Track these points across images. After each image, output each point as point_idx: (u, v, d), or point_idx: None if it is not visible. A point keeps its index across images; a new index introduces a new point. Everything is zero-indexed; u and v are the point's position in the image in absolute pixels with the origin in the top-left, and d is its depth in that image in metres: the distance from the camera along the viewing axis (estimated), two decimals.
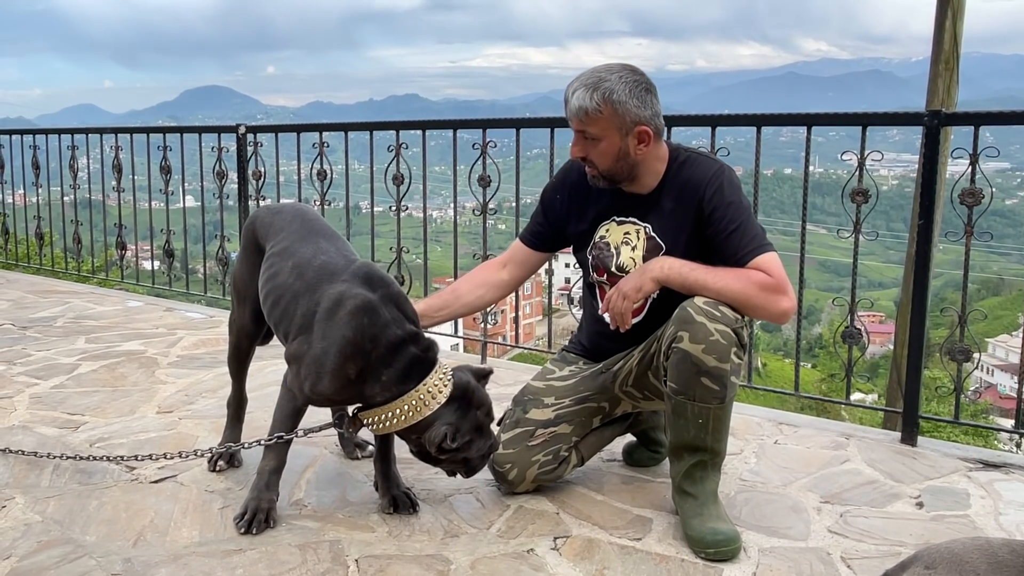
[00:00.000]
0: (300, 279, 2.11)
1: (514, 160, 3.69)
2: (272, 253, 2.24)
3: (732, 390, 2.03)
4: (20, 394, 3.20)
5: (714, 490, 2.09)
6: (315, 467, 2.49)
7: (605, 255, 2.26)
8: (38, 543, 2.00)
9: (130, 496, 2.28)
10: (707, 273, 2.03)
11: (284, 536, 2.05)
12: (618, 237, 2.25)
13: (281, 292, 2.14)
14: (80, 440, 2.69)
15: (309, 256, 2.15)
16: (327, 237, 2.24)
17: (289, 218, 2.32)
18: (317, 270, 2.10)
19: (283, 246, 2.23)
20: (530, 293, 34.81)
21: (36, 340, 4.07)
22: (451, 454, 2.00)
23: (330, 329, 1.98)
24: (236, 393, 2.54)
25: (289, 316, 2.10)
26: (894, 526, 2.15)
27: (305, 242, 2.21)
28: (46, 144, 6.03)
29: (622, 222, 2.25)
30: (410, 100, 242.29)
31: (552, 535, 2.07)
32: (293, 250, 2.20)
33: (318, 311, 2.01)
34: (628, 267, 2.20)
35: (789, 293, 2.03)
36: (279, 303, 2.14)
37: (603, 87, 2.07)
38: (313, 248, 2.18)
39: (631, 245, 2.22)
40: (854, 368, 2.98)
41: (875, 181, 2.92)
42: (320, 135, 4.32)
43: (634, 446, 2.56)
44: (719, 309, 1.97)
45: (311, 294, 2.06)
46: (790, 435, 2.82)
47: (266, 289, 2.20)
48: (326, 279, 2.06)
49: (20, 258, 6.51)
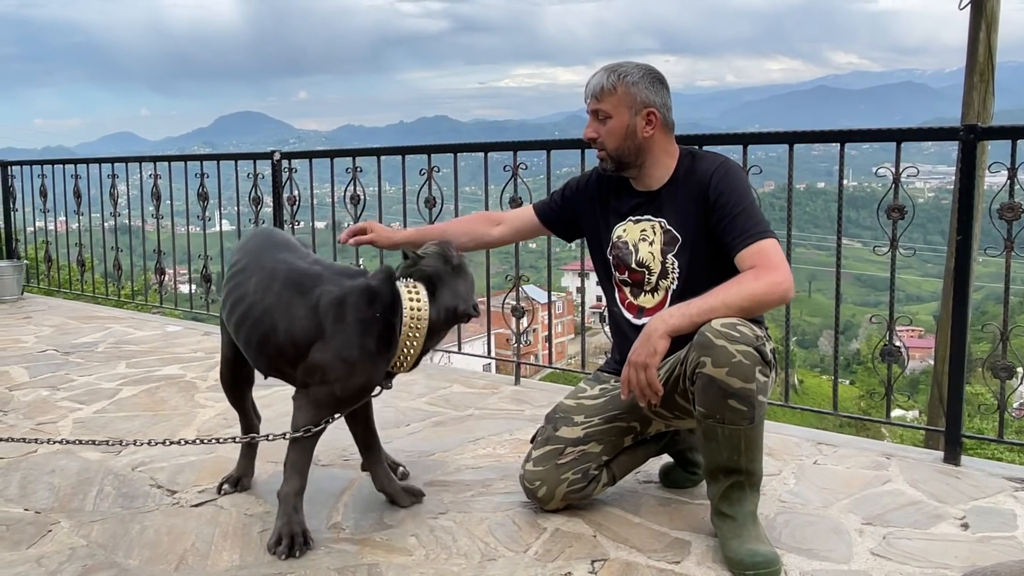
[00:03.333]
0: (268, 292, 2.11)
1: (543, 179, 3.71)
2: (234, 273, 2.22)
3: (761, 409, 2.01)
4: (64, 419, 3.26)
5: (753, 511, 2.07)
6: (352, 490, 2.50)
7: (624, 253, 2.31)
8: (83, 567, 2.04)
9: (171, 520, 2.31)
10: (706, 300, 2.00)
11: (323, 560, 2.06)
12: (635, 235, 2.29)
13: (248, 308, 2.13)
14: (122, 464, 2.74)
15: (271, 268, 2.15)
16: (287, 249, 2.24)
17: (246, 242, 2.34)
18: (284, 281, 2.11)
19: (241, 266, 2.22)
20: (561, 312, 34.80)
21: (78, 365, 4.15)
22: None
23: (344, 327, 2.04)
24: (241, 418, 2.59)
25: (272, 330, 2.09)
26: (938, 548, 2.11)
27: (264, 255, 2.21)
28: (87, 173, 6.19)
29: (638, 220, 2.30)
30: (440, 122, 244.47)
31: (590, 558, 2.06)
32: (252, 268, 2.19)
33: (323, 317, 2.04)
34: (647, 262, 2.26)
35: (783, 272, 2.02)
36: (246, 319, 2.13)
37: (620, 71, 2.23)
38: (272, 261, 2.18)
39: (648, 240, 2.27)
40: (894, 385, 2.94)
41: (911, 195, 2.89)
42: (353, 160, 4.38)
43: (671, 467, 2.54)
44: (737, 329, 1.95)
45: (297, 304, 2.07)
46: (830, 455, 2.79)
47: (230, 309, 2.18)
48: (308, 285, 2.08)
49: (62, 284, 6.66)
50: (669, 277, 2.25)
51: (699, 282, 2.13)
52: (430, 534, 2.20)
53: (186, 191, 5.36)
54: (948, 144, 2.82)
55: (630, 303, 2.33)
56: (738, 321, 1.97)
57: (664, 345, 2.00)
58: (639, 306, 2.31)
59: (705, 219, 2.17)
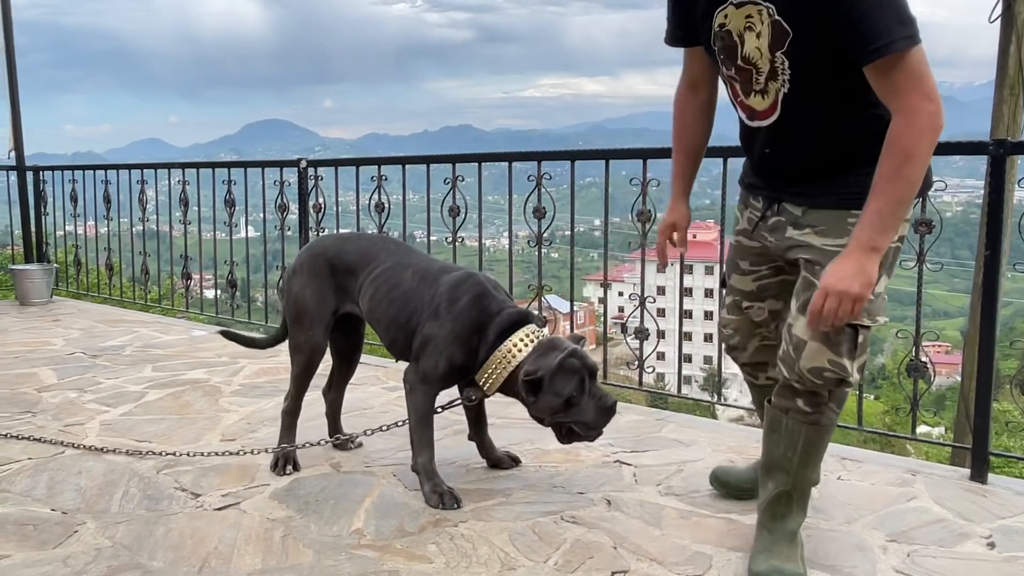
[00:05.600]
0: (423, 280, 2.51)
1: (565, 189, 3.72)
2: (383, 270, 2.59)
3: (826, 416, 1.98)
4: (91, 420, 3.31)
5: (793, 530, 2.05)
6: (373, 496, 2.51)
7: (728, 45, 1.91)
8: (108, 567, 2.06)
9: (195, 523, 2.33)
10: (879, 196, 1.75)
11: (344, 566, 2.07)
12: (739, 23, 1.87)
13: (407, 295, 2.51)
14: (148, 467, 2.77)
15: (424, 264, 2.58)
16: (417, 251, 2.72)
17: (375, 243, 2.73)
18: (437, 271, 2.53)
19: (394, 262, 2.60)
20: (583, 322, 34.71)
21: (106, 368, 4.21)
22: (555, 408, 2.30)
23: (453, 307, 2.41)
24: (296, 404, 2.81)
25: (416, 309, 2.48)
26: (964, 567, 2.08)
27: (410, 256, 2.64)
28: (117, 178, 6.28)
29: (740, 4, 1.86)
30: (464, 131, 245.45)
31: (610, 570, 2.05)
32: (405, 263, 2.59)
33: (440, 298, 2.43)
34: (754, 58, 1.87)
35: (928, 103, 1.71)
36: (407, 305, 2.50)
37: None
38: (419, 259, 2.63)
39: (755, 31, 1.86)
40: (920, 401, 2.91)
41: (938, 209, 2.86)
42: (379, 168, 4.42)
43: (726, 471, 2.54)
44: (836, 338, 1.88)
45: (434, 286, 2.48)
46: (854, 471, 2.76)
47: (389, 298, 2.54)
48: (444, 273, 2.52)
49: (90, 288, 6.76)
50: (779, 79, 1.87)
51: (815, 89, 1.83)
52: (450, 542, 2.20)
53: (213, 197, 5.42)
54: (977, 158, 2.80)
55: (742, 101, 1.99)
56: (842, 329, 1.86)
57: (874, 269, 1.78)
58: (751, 107, 1.97)
59: (823, 8, 1.73)
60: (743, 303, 2.23)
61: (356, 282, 2.65)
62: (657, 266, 2.66)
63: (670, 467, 2.77)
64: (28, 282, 6.37)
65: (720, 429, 3.39)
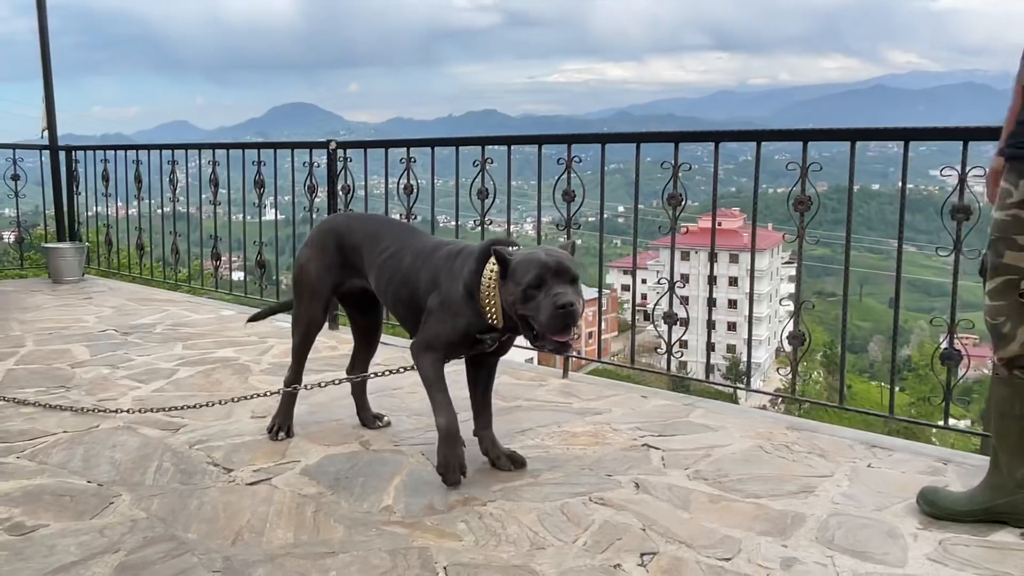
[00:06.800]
0: (420, 258, 2.54)
1: (590, 176, 3.70)
2: (389, 254, 2.63)
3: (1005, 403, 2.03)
4: (124, 396, 3.36)
5: None
6: (403, 475, 2.53)
7: None
8: (144, 539, 2.10)
9: (228, 497, 2.36)
10: None
11: (375, 541, 2.10)
12: None
13: (407, 275, 2.55)
14: (180, 442, 2.81)
15: (421, 244, 2.59)
16: (423, 232, 2.75)
17: (383, 225, 2.76)
18: (432, 248, 2.55)
19: (398, 246, 2.63)
20: (606, 309, 34.56)
21: (137, 346, 4.27)
22: (516, 297, 2.24)
23: (447, 276, 2.43)
24: (296, 375, 2.89)
25: (416, 287, 2.52)
26: (997, 556, 2.06)
27: (413, 238, 2.66)
28: (148, 159, 6.34)
29: None
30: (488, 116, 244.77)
31: (639, 551, 2.06)
32: (408, 246, 2.62)
33: (437, 271, 2.47)
34: None
35: None
36: (407, 283, 2.54)
37: None
38: (421, 240, 2.64)
39: None
40: (952, 390, 2.87)
41: (976, 197, 2.82)
42: (408, 151, 4.42)
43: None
44: None
45: (429, 261, 2.51)
46: (884, 459, 2.74)
47: (394, 281, 2.59)
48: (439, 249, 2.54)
49: (120, 267, 6.84)
50: None
51: None
52: (479, 521, 2.22)
53: (243, 178, 5.45)
54: None
55: None
56: None
57: None
58: None
59: None
60: (1021, 282, 2.07)
61: (363, 261, 2.70)
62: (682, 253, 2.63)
63: (698, 452, 2.76)
64: (61, 260, 6.46)
65: (749, 415, 3.38)
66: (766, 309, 37.32)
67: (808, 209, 3.10)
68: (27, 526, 2.16)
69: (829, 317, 31.84)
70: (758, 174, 3.31)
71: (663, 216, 3.54)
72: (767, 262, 40.44)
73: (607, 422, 3.07)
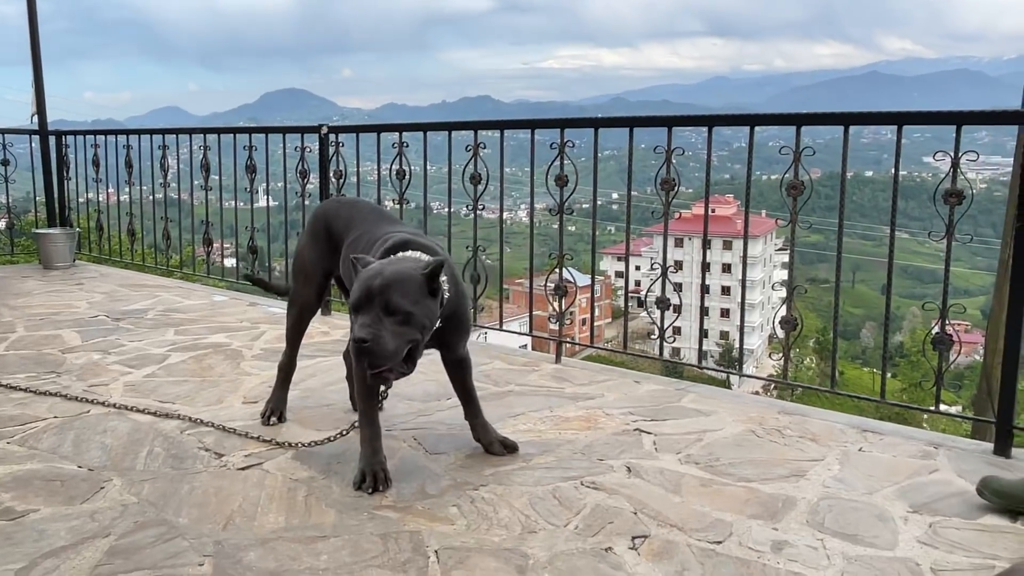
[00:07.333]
0: (368, 246, 2.48)
1: (584, 162, 3.69)
2: (352, 240, 2.59)
3: None
4: (115, 381, 3.34)
5: None
6: (395, 460, 2.53)
7: None
8: (134, 523, 2.09)
9: (219, 482, 2.36)
10: None
11: (366, 525, 2.09)
12: None
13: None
14: (172, 427, 2.80)
15: (377, 232, 2.52)
16: (391, 222, 2.68)
17: (365, 211, 2.74)
18: (380, 236, 2.48)
19: (360, 231, 2.60)
20: (599, 295, 34.62)
21: (129, 331, 4.25)
22: None
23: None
24: (289, 359, 2.90)
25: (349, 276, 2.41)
26: (987, 539, 2.07)
27: (378, 225, 2.60)
28: (139, 144, 6.29)
29: None
30: (483, 102, 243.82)
31: (630, 534, 2.06)
32: (369, 232, 2.57)
33: None
34: None
35: None
36: (346, 272, 2.49)
37: None
38: (383, 228, 2.56)
39: None
40: (943, 375, 2.88)
41: (969, 182, 2.81)
42: (400, 135, 4.39)
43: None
44: None
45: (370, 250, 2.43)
46: (875, 443, 2.75)
47: (348, 268, 2.46)
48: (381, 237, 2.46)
49: (111, 252, 6.81)
50: None
51: None
52: (471, 505, 2.22)
53: (234, 163, 5.42)
54: (1002, 134, 2.78)
55: None
56: None
57: None
58: None
59: None
60: None
61: (342, 246, 2.69)
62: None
63: (690, 436, 2.77)
64: (52, 246, 6.43)
65: (741, 400, 3.38)
66: (759, 296, 37.43)
67: (801, 194, 3.10)
68: (17, 511, 2.15)
69: (822, 304, 31.89)
70: (751, 159, 3.31)
71: (657, 202, 3.53)
72: (760, 248, 40.52)
73: (599, 407, 3.07)
